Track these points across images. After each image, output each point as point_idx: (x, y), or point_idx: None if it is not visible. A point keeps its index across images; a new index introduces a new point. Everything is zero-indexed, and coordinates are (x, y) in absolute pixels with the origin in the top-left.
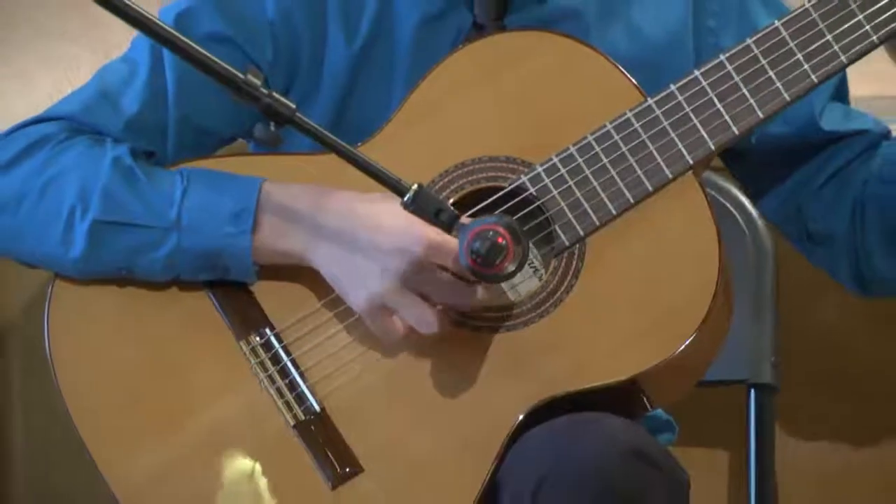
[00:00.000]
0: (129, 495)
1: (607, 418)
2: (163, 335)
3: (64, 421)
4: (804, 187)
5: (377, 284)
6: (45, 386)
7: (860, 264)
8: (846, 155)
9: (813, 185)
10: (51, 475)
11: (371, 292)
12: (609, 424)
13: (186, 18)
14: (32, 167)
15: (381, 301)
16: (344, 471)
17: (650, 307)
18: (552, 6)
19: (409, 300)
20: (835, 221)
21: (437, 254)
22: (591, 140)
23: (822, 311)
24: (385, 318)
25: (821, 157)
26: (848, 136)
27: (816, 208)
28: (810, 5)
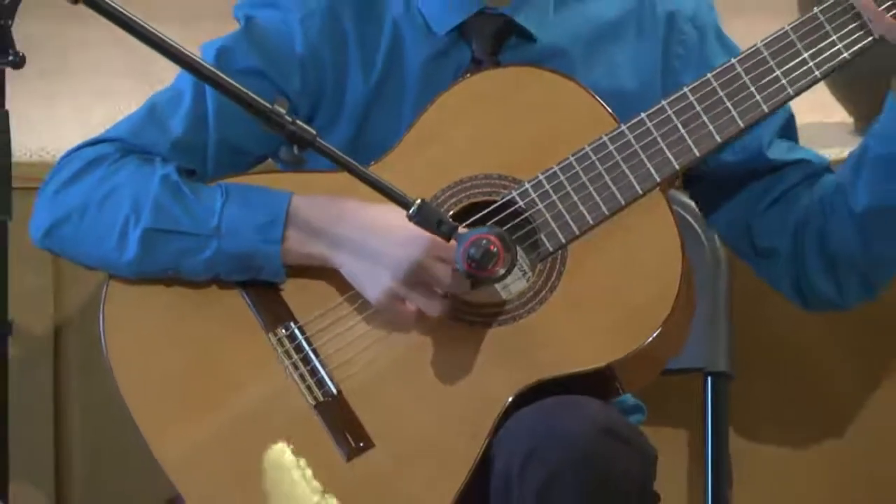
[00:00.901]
0: (174, 466)
1: (585, 400)
2: (203, 329)
3: (119, 419)
4: (752, 208)
5: (389, 279)
6: (103, 385)
7: (801, 282)
8: (789, 180)
9: (759, 206)
10: (107, 474)
11: (384, 286)
12: (587, 406)
13: (225, 54)
14: (91, 182)
15: (393, 292)
16: (357, 445)
17: (622, 305)
18: (541, 46)
19: (416, 290)
20: (779, 241)
21: (438, 253)
22: (572, 160)
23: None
24: (398, 306)
25: (766, 182)
26: (790, 164)
27: (762, 227)
28: (762, 44)
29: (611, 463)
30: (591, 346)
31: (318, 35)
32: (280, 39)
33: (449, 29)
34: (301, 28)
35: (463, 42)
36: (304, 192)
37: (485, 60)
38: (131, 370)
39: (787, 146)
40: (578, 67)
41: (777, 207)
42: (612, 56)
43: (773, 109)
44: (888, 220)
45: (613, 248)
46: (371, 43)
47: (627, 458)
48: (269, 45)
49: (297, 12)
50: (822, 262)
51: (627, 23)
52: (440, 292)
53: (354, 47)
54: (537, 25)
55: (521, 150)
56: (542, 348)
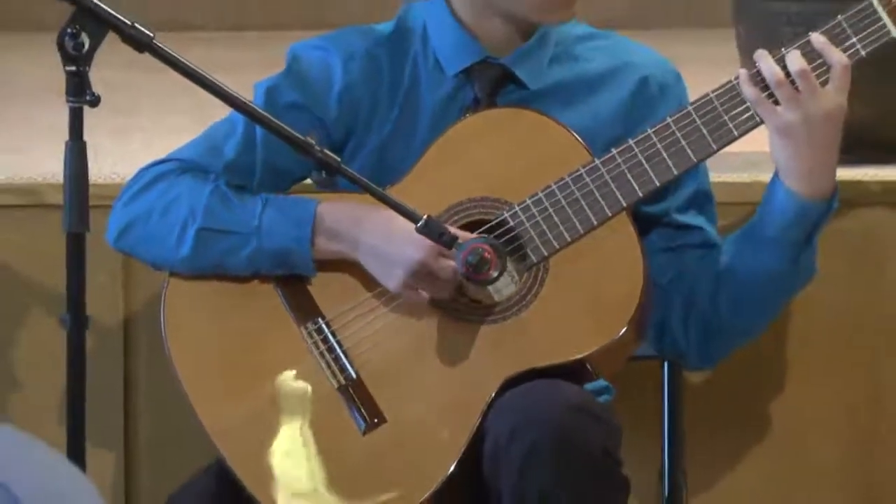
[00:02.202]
0: (218, 433)
1: (562, 384)
2: (244, 321)
3: (177, 397)
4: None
5: (404, 269)
6: (164, 371)
7: (663, 324)
8: (685, 239)
9: (655, 247)
10: (167, 443)
11: (399, 275)
12: (563, 389)
13: (273, 91)
14: (156, 193)
15: (407, 280)
16: (373, 421)
17: (594, 307)
18: (531, 91)
19: (426, 278)
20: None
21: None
22: (554, 188)
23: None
24: (412, 292)
25: (667, 234)
26: (691, 227)
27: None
28: (713, 94)
29: (581, 435)
30: (570, 341)
31: (357, 76)
32: (321, 75)
33: (457, 71)
34: (342, 68)
35: (468, 84)
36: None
37: (484, 101)
38: (185, 355)
39: (693, 213)
40: (562, 111)
41: (666, 255)
42: (591, 103)
43: (701, 160)
44: (741, 289)
45: (587, 259)
46: (397, 82)
47: (595, 430)
48: (310, 81)
49: (340, 54)
50: (682, 311)
51: (607, 79)
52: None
53: (385, 90)
54: (532, 77)
55: (511, 177)
56: (527, 343)
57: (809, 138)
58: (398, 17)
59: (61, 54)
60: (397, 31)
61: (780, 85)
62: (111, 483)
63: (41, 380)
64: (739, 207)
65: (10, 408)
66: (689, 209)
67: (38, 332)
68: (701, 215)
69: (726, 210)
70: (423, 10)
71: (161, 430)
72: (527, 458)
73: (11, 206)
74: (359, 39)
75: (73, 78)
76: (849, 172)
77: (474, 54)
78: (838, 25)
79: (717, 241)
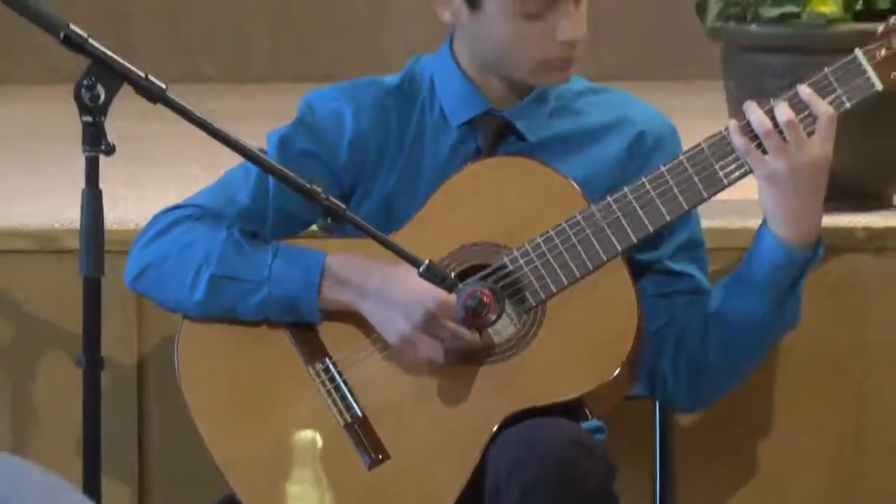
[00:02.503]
0: (229, 467)
1: (560, 422)
2: (256, 361)
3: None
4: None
5: (403, 326)
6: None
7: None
8: (677, 286)
9: (647, 293)
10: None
11: (400, 331)
12: (561, 426)
13: (286, 139)
14: (173, 238)
15: (405, 337)
16: (377, 457)
17: (590, 348)
18: (530, 142)
19: (424, 339)
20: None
21: (443, 306)
22: (552, 233)
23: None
24: (409, 348)
25: (659, 280)
26: (682, 274)
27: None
28: (705, 145)
29: (580, 471)
30: (567, 381)
31: (367, 125)
32: (332, 124)
33: (461, 122)
34: (353, 118)
35: (471, 135)
36: (340, 252)
37: (486, 151)
38: (198, 393)
39: (684, 260)
40: (561, 162)
41: (658, 301)
42: (588, 154)
43: (712, 196)
44: (729, 332)
45: (583, 301)
46: (404, 133)
47: (592, 467)
48: (321, 129)
49: (351, 105)
50: (672, 354)
51: (605, 132)
52: (442, 342)
53: (393, 139)
54: (532, 129)
55: (511, 223)
56: (526, 382)
57: (796, 186)
58: (407, 68)
59: (78, 105)
60: (406, 83)
61: (769, 135)
62: None
63: (58, 418)
64: (728, 253)
65: (29, 444)
66: (681, 256)
67: (55, 372)
68: (692, 263)
69: (714, 255)
70: (431, 63)
71: (174, 466)
72: (527, 493)
73: (30, 252)
74: (369, 91)
75: (90, 128)
76: (835, 219)
77: (478, 106)
78: (825, 78)
79: (708, 288)
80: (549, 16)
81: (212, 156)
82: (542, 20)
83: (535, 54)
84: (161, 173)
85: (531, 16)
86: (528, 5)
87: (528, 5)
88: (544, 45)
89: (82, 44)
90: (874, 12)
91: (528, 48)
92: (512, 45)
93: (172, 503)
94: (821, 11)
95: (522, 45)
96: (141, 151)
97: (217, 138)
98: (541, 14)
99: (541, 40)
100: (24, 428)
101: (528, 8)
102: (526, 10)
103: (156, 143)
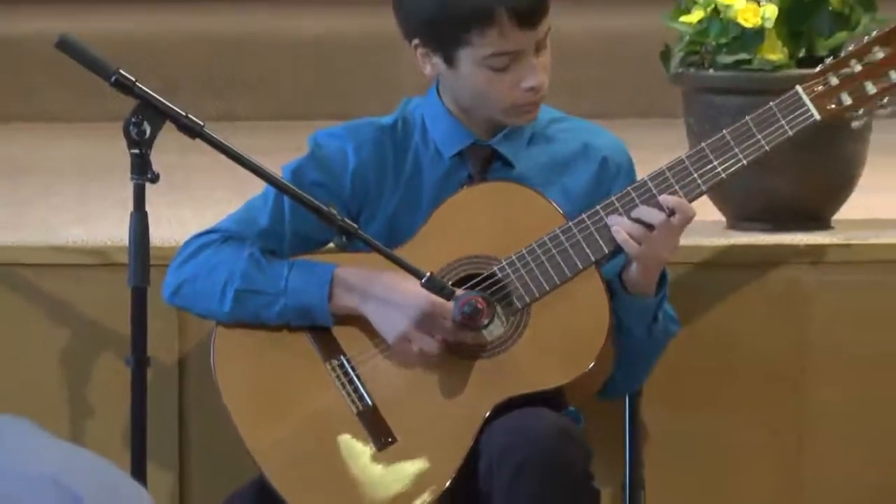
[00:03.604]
0: (259, 451)
1: (545, 412)
2: (280, 359)
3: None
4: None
5: (400, 325)
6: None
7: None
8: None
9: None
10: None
11: (397, 329)
12: (545, 414)
13: (298, 171)
14: (203, 258)
15: (402, 334)
16: (386, 440)
17: (567, 345)
18: (515, 168)
19: (420, 335)
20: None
21: (436, 307)
22: (535, 246)
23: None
24: (405, 344)
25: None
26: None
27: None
28: (648, 178)
29: (563, 454)
30: (548, 373)
31: (366, 159)
32: (337, 159)
33: (452, 154)
34: (354, 154)
35: (462, 163)
36: (349, 264)
37: (476, 177)
38: (231, 387)
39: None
40: (541, 184)
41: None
42: (562, 178)
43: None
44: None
45: (562, 304)
46: (400, 167)
47: (574, 451)
48: (328, 163)
49: (352, 142)
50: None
51: (574, 159)
52: (438, 338)
53: (390, 170)
54: (514, 156)
55: (499, 238)
56: (513, 375)
57: (658, 260)
58: (400, 110)
59: (127, 140)
60: (399, 122)
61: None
62: (169, 492)
63: (109, 410)
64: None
65: (83, 433)
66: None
67: (107, 370)
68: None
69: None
70: (420, 105)
71: (211, 452)
72: (516, 474)
73: (87, 266)
74: (367, 130)
75: (137, 160)
76: (780, 238)
77: (465, 140)
78: (769, 110)
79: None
80: (514, 68)
81: (240, 183)
82: (507, 73)
83: (506, 100)
84: (198, 198)
85: (498, 69)
86: (494, 61)
87: (494, 61)
88: (512, 93)
89: (130, 86)
90: (815, 59)
91: (498, 96)
92: (484, 94)
93: (209, 485)
94: (769, 59)
95: (493, 93)
96: (181, 179)
97: (246, 167)
98: (506, 68)
99: (508, 89)
100: (81, 419)
101: (495, 64)
102: (493, 66)
103: (193, 172)
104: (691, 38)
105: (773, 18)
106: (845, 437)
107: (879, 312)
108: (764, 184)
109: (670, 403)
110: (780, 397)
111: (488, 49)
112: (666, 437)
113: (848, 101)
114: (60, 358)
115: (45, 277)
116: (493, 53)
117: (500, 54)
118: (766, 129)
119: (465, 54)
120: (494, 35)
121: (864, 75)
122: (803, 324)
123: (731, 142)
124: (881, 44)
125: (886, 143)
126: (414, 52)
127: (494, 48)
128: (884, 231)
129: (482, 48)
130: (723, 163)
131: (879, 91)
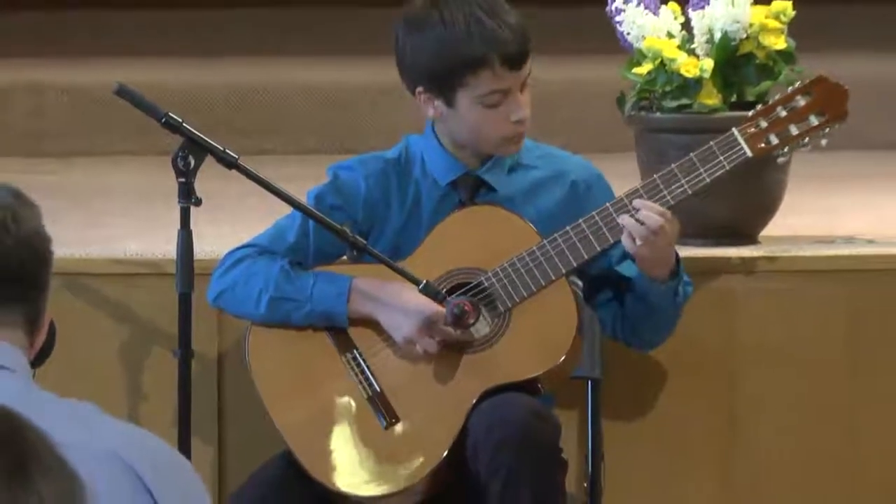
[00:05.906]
0: (286, 428)
1: (522, 397)
2: (304, 353)
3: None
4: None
5: (406, 329)
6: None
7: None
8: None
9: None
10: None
11: (404, 332)
12: (522, 400)
13: (320, 197)
14: (240, 270)
15: (407, 336)
16: (391, 420)
17: (542, 341)
18: (500, 194)
19: (422, 337)
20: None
21: (435, 314)
22: (515, 260)
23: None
24: (410, 344)
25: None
26: (626, 277)
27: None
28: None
29: (536, 432)
30: (526, 366)
31: (374, 187)
32: (352, 188)
33: (447, 182)
34: (364, 182)
35: (455, 190)
36: (363, 276)
37: (467, 201)
38: (263, 375)
39: (627, 266)
40: (520, 205)
41: (613, 304)
42: (538, 201)
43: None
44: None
45: (538, 309)
46: (404, 195)
47: (546, 428)
48: (344, 191)
49: (363, 172)
50: (625, 326)
51: (548, 183)
52: (437, 338)
53: (394, 197)
54: (498, 182)
55: (486, 253)
56: (497, 367)
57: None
58: (401, 145)
59: (174, 170)
60: (402, 156)
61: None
62: (210, 462)
63: (160, 395)
64: None
65: (138, 414)
66: (624, 260)
67: (158, 362)
68: (633, 263)
69: None
70: (419, 142)
71: (246, 432)
72: (497, 449)
73: (141, 275)
74: (376, 162)
75: (183, 186)
76: (715, 251)
77: (458, 170)
78: (709, 149)
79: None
80: (504, 104)
81: (269, 206)
82: (498, 108)
83: (498, 133)
84: (234, 219)
85: (490, 106)
86: (488, 99)
87: (488, 99)
88: (503, 126)
89: (178, 126)
90: (744, 103)
91: (491, 129)
92: (480, 128)
93: (244, 456)
94: (706, 103)
95: (487, 127)
96: (220, 203)
97: (275, 194)
98: (497, 103)
99: (500, 122)
100: (136, 403)
101: (489, 101)
102: (487, 103)
103: (231, 197)
104: (642, 87)
105: (709, 70)
106: (770, 420)
107: (799, 314)
108: (702, 206)
109: (626, 389)
110: (716, 385)
111: (484, 88)
112: (622, 416)
113: (775, 140)
114: (119, 351)
115: (106, 284)
116: (488, 92)
117: (493, 92)
118: (707, 163)
119: (463, 94)
120: (488, 76)
121: (788, 120)
122: (736, 324)
123: (678, 174)
124: (802, 93)
125: (804, 174)
126: (417, 98)
127: (489, 87)
128: (802, 246)
129: (478, 88)
130: (672, 192)
131: (801, 133)
